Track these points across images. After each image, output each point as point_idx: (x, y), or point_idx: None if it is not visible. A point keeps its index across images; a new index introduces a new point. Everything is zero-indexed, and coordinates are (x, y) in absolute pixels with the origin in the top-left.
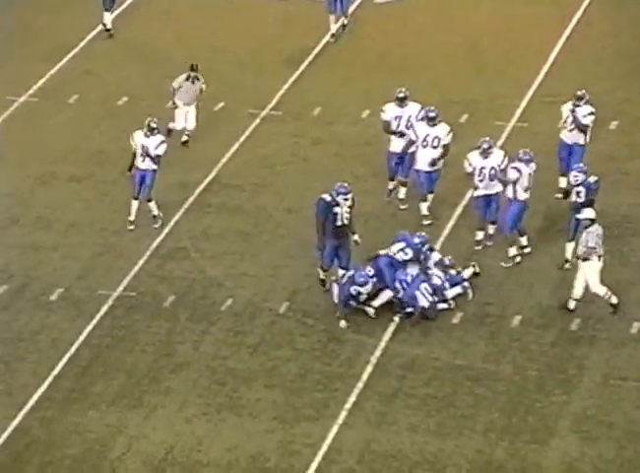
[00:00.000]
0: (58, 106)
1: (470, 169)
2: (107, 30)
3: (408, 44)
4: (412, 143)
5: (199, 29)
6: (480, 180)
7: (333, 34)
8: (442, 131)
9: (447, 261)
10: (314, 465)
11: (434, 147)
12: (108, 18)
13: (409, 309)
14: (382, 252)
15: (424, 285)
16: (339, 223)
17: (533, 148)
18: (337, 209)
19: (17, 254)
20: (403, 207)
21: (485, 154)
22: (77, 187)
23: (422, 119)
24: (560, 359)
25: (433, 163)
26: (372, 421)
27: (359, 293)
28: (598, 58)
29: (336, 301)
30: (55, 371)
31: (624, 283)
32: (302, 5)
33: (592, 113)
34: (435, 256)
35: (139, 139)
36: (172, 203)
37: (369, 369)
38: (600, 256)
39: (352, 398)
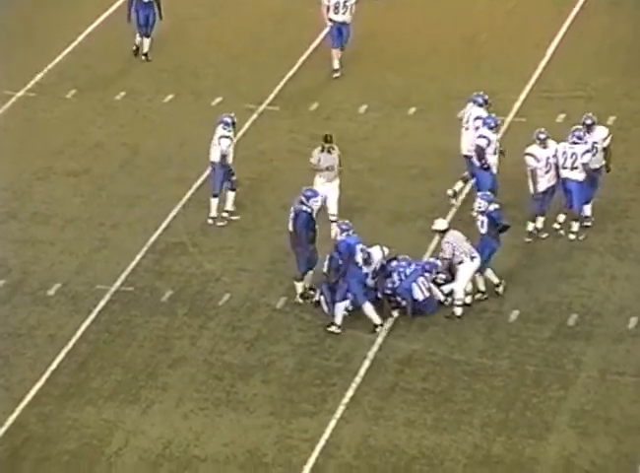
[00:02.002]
0: (56, 101)
1: (535, 164)
2: (145, 54)
3: (405, 40)
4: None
5: (197, 23)
6: (547, 172)
7: (337, 69)
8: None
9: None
10: (312, 460)
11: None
12: (146, 43)
13: (401, 302)
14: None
15: (422, 278)
16: (316, 227)
17: (531, 143)
18: (314, 215)
19: (14, 249)
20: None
21: (544, 144)
22: (74, 182)
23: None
24: (558, 354)
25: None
26: (370, 416)
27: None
28: (596, 53)
29: (326, 309)
30: (53, 367)
31: (622, 278)
32: (299, 0)
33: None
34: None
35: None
36: (170, 198)
37: (367, 364)
38: (472, 257)
39: (350, 393)
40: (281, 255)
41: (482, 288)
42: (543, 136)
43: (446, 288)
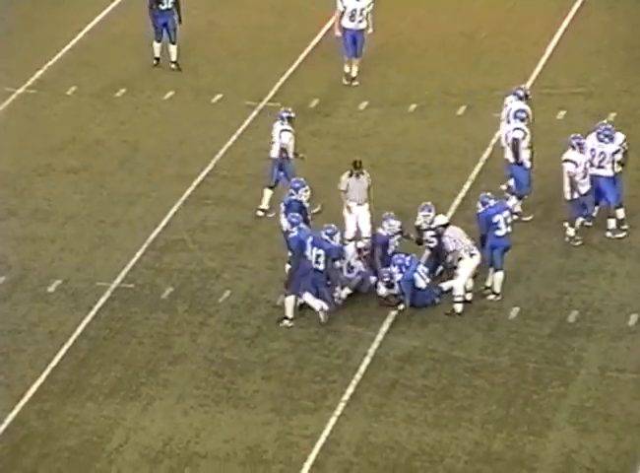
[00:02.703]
0: (56, 98)
1: (575, 170)
2: (174, 62)
3: (405, 36)
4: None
5: (196, 19)
6: (585, 176)
7: (353, 78)
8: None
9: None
10: (312, 457)
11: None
12: (173, 50)
13: (400, 296)
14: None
15: (421, 266)
16: (309, 216)
17: (531, 139)
18: (306, 205)
19: (14, 246)
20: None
21: (581, 148)
22: (74, 179)
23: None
24: (558, 351)
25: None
26: (370, 412)
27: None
28: (596, 49)
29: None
30: (53, 363)
31: (622, 275)
32: None
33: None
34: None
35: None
36: (170, 195)
37: (367, 360)
38: (471, 254)
39: (350, 390)
40: (281, 252)
41: (490, 284)
42: (579, 141)
43: (445, 285)
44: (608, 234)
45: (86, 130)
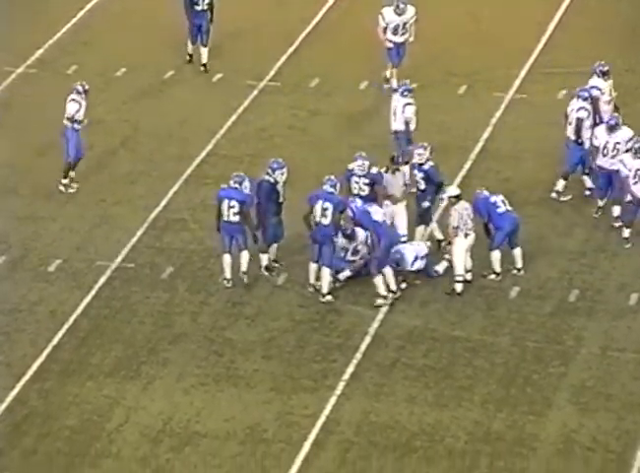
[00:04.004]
0: (57, 77)
1: (596, 143)
2: (203, 65)
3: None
4: None
5: None
6: (604, 155)
7: (395, 90)
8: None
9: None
10: (312, 436)
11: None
12: (204, 53)
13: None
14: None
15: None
16: (281, 199)
17: (532, 119)
18: (279, 187)
19: (15, 225)
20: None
21: (612, 129)
22: None
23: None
24: (558, 330)
25: None
26: (370, 392)
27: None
28: (597, 29)
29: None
30: (53, 343)
31: (623, 255)
32: None
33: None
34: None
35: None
36: (171, 175)
37: (367, 340)
38: (466, 234)
39: (351, 369)
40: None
41: (498, 269)
42: (612, 122)
43: (441, 266)
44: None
45: (87, 109)
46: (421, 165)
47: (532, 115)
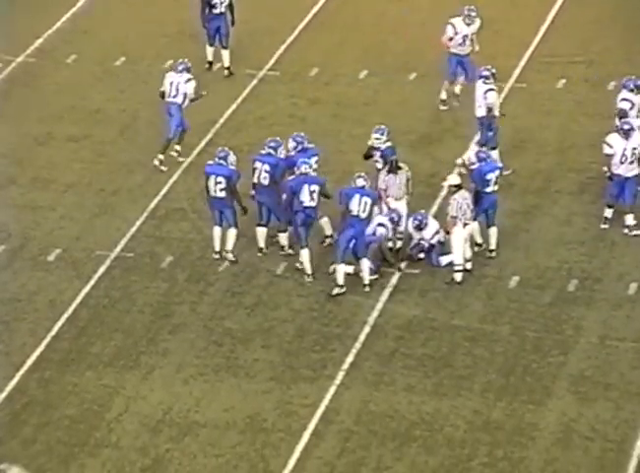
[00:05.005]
0: (56, 66)
1: (610, 152)
2: (227, 68)
3: (405, 3)
4: None
5: None
6: (622, 162)
7: (456, 95)
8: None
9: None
10: (311, 426)
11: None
12: (226, 56)
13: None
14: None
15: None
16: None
17: (531, 108)
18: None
19: (14, 214)
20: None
21: (626, 135)
22: (75, 147)
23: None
24: (558, 319)
25: None
26: (369, 381)
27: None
28: (596, 18)
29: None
30: (53, 332)
31: (622, 244)
32: None
33: None
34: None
35: None
36: (170, 164)
37: (367, 329)
38: (465, 223)
39: (350, 359)
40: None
41: (480, 240)
42: (626, 127)
43: (444, 259)
44: (625, 230)
45: (86, 99)
46: (379, 148)
47: (531, 104)
